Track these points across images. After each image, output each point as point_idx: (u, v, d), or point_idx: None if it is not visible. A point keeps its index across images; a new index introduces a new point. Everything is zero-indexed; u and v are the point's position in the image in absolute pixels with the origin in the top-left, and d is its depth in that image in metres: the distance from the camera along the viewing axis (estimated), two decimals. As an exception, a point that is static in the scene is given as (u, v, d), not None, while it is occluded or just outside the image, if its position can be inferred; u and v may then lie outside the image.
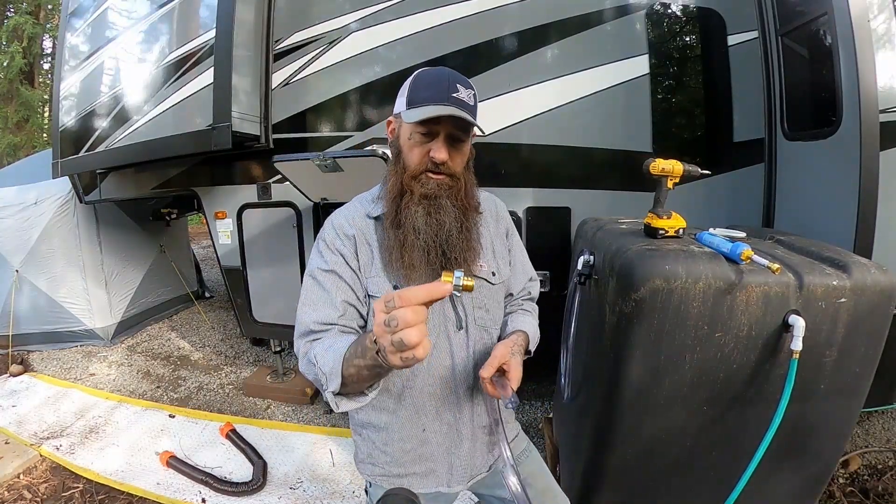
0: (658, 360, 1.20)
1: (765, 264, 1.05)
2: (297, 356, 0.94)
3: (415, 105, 0.92)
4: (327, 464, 2.54)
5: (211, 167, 3.16)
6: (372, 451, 1.09)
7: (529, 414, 2.97)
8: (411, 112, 0.91)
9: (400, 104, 0.97)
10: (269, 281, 3.17)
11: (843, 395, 1.23)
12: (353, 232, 0.99)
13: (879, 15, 1.73)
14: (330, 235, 0.99)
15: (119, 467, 2.55)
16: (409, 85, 0.96)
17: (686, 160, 1.30)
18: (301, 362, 0.91)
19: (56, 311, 4.06)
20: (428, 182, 0.95)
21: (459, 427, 1.05)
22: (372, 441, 1.08)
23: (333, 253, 0.97)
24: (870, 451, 2.42)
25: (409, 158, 0.96)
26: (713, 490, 1.32)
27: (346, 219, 1.01)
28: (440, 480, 1.08)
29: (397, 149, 0.99)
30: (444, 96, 0.91)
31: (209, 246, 6.28)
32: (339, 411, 0.83)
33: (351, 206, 1.06)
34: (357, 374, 0.76)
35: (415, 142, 0.94)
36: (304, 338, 0.94)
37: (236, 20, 2.54)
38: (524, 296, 1.24)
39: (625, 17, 2.38)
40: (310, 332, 0.93)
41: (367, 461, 1.11)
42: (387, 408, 1.04)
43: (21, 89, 10.65)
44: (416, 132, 0.93)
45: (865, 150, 1.63)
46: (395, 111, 0.99)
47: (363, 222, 1.01)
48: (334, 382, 0.78)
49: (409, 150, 0.95)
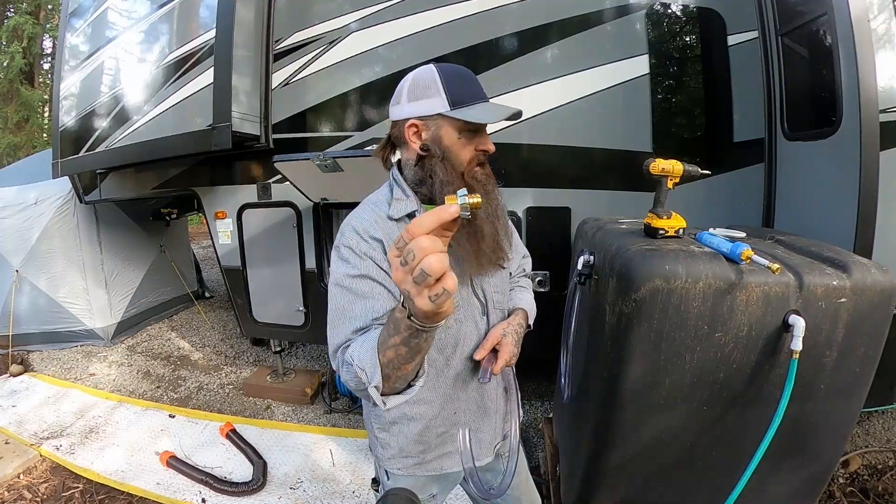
0: (658, 359, 1.20)
1: (765, 264, 1.05)
2: (338, 372, 0.86)
3: (463, 104, 0.92)
4: (327, 464, 2.54)
5: (211, 167, 3.16)
6: (405, 445, 1.09)
7: (529, 414, 2.97)
8: (468, 111, 0.92)
9: (435, 105, 0.93)
10: (269, 281, 3.17)
11: (843, 395, 1.23)
12: (380, 235, 0.94)
13: (879, 15, 1.73)
14: (354, 240, 0.94)
15: (119, 467, 2.55)
16: (441, 83, 0.93)
17: (686, 160, 1.30)
18: (341, 373, 0.84)
19: (56, 311, 4.06)
20: (480, 175, 0.98)
21: (486, 404, 1.13)
22: (405, 434, 1.08)
23: (361, 257, 0.92)
24: (870, 451, 2.42)
25: (461, 156, 0.96)
26: (713, 490, 1.32)
27: (369, 222, 0.96)
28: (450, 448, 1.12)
29: (442, 150, 0.95)
30: (482, 92, 0.95)
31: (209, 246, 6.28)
32: (388, 409, 0.80)
33: (367, 209, 1.00)
34: (396, 358, 0.71)
35: (465, 140, 0.95)
36: (341, 349, 0.86)
37: (236, 20, 2.54)
38: (519, 273, 1.30)
39: (625, 17, 2.38)
40: (348, 341, 0.86)
41: (399, 455, 1.11)
42: (422, 398, 1.05)
43: (21, 89, 10.66)
44: (465, 130, 0.95)
45: (865, 150, 1.63)
46: (421, 112, 0.94)
47: (387, 225, 0.97)
48: (375, 376, 0.74)
49: (460, 148, 0.95)
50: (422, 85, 0.94)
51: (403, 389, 0.79)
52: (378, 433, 1.12)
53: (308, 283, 3.02)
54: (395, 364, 0.72)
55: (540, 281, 2.57)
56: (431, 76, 0.94)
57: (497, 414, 1.16)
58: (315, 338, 3.52)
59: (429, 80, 0.94)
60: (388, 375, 0.74)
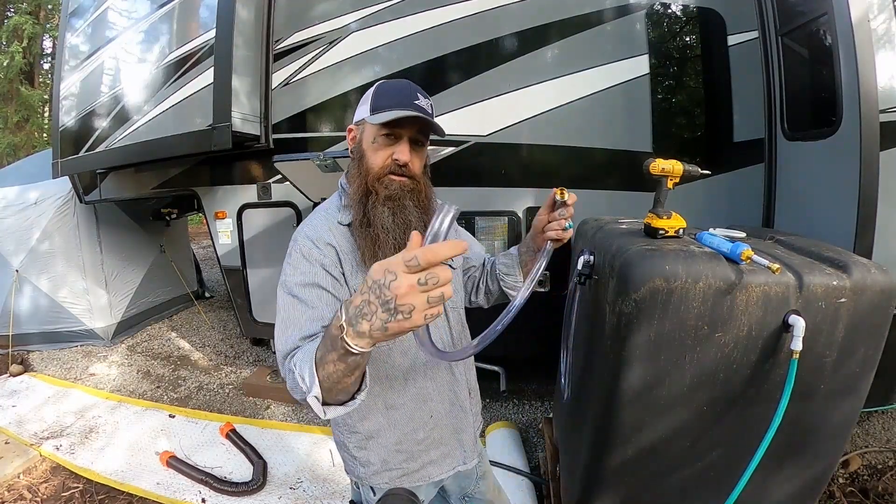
0: (658, 360, 1.20)
1: (765, 264, 1.05)
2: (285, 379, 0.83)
3: (380, 111, 0.97)
4: (327, 464, 2.54)
5: (211, 167, 3.16)
6: (386, 457, 1.08)
7: (529, 414, 2.97)
8: (377, 115, 0.96)
9: (362, 112, 1.01)
10: (269, 281, 3.17)
11: (843, 396, 1.23)
12: (332, 240, 0.97)
13: (879, 15, 1.73)
14: (306, 246, 0.96)
15: (119, 467, 2.55)
16: (371, 94, 1.01)
17: (686, 160, 1.30)
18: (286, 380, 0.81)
19: (56, 311, 4.06)
20: (391, 184, 0.98)
21: (461, 401, 1.14)
22: (384, 446, 1.07)
23: (311, 263, 0.94)
24: (870, 451, 2.42)
25: (372, 161, 0.99)
26: (713, 490, 1.32)
27: (322, 228, 0.99)
28: (456, 459, 1.15)
29: (360, 153, 1.01)
30: (408, 102, 0.97)
31: (209, 246, 6.28)
32: (327, 418, 0.79)
33: (319, 217, 1.03)
34: (334, 372, 0.70)
35: (378, 145, 0.99)
36: (288, 357, 0.84)
37: (236, 20, 2.54)
38: (489, 257, 1.35)
39: (625, 17, 2.38)
40: (296, 349, 0.84)
41: (383, 469, 1.09)
42: (394, 404, 1.06)
43: (21, 89, 10.66)
44: (379, 135, 0.98)
45: (865, 150, 1.63)
46: (356, 119, 1.04)
47: (339, 230, 1.00)
48: (314, 387, 0.72)
49: (372, 152, 0.99)
50: (367, 94, 1.03)
51: (347, 401, 0.77)
52: (356, 453, 1.09)
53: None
54: (335, 378, 0.71)
55: (540, 281, 2.57)
56: (372, 89, 1.02)
57: (472, 413, 1.19)
58: (315, 338, 3.53)
59: (372, 89, 1.02)
60: (329, 388, 0.72)
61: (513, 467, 2.28)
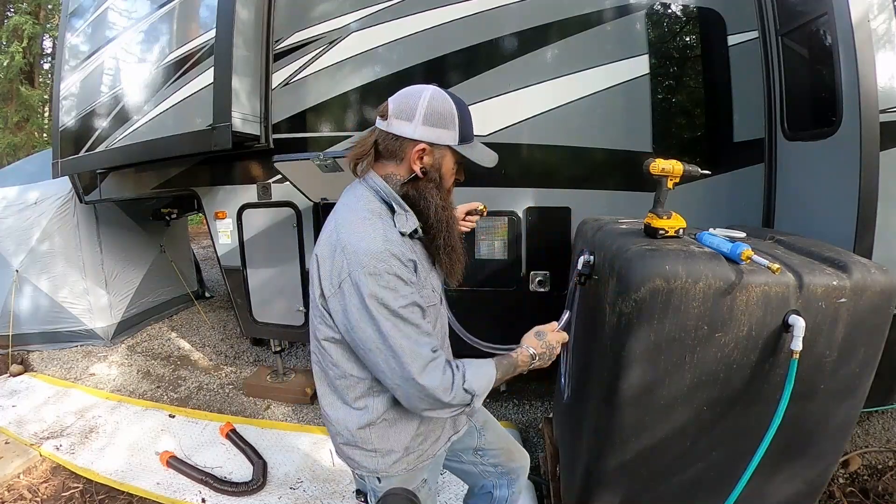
0: (658, 360, 1.20)
1: (765, 264, 1.05)
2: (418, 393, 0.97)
3: (468, 141, 1.05)
4: (327, 464, 2.54)
5: (211, 167, 3.16)
6: (408, 443, 1.13)
7: (529, 414, 2.97)
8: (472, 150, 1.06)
9: (449, 137, 1.02)
10: (269, 281, 3.17)
11: (843, 395, 1.23)
12: (412, 256, 1.01)
13: (879, 15, 1.73)
14: (397, 267, 0.95)
15: (119, 467, 2.55)
16: (456, 118, 1.02)
17: (686, 160, 1.30)
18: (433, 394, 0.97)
19: (56, 311, 4.06)
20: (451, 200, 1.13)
21: None
22: (407, 431, 1.13)
23: (408, 284, 0.97)
24: (870, 451, 2.42)
25: (449, 184, 1.09)
26: (713, 490, 1.32)
27: (398, 244, 0.99)
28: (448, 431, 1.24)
29: (439, 177, 1.06)
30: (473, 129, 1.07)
31: (209, 246, 6.27)
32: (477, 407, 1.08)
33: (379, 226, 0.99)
34: (499, 383, 1.11)
35: (455, 171, 1.09)
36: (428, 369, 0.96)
37: (236, 20, 2.54)
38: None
39: (625, 17, 2.38)
40: (431, 360, 0.97)
41: (405, 455, 1.14)
42: None
43: (21, 89, 10.65)
44: (458, 163, 1.08)
45: (865, 150, 1.63)
46: (435, 140, 1.01)
47: (407, 242, 1.03)
48: (483, 393, 1.05)
49: (450, 177, 1.09)
50: (440, 113, 1.00)
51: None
52: (379, 444, 1.11)
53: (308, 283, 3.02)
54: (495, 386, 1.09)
55: (540, 281, 2.57)
56: (450, 109, 1.01)
57: None
58: (315, 338, 3.52)
59: (448, 111, 1.01)
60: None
61: (513, 467, 2.28)
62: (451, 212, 1.10)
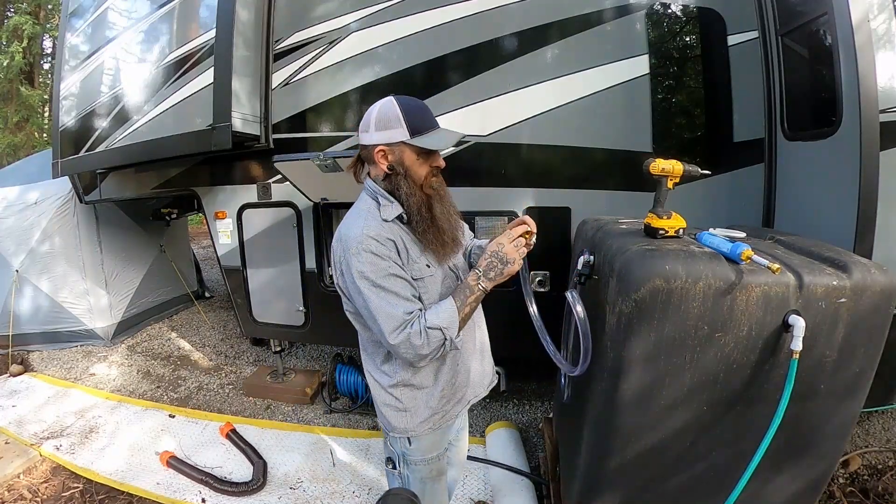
0: (658, 360, 1.20)
1: (765, 264, 1.05)
2: (399, 350, 1.15)
3: (422, 132, 1.17)
4: (327, 464, 2.54)
5: (211, 167, 3.16)
6: (434, 404, 1.31)
7: (529, 414, 2.97)
8: (424, 139, 1.17)
9: (399, 134, 1.16)
10: (270, 281, 3.17)
11: (843, 395, 1.23)
12: (391, 235, 1.18)
13: (879, 15, 1.73)
14: (374, 245, 1.14)
15: (119, 467, 2.55)
16: (401, 117, 1.16)
17: (686, 160, 1.30)
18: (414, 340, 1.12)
19: (56, 311, 4.06)
20: (436, 185, 1.25)
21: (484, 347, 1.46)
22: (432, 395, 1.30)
23: (384, 259, 1.14)
24: (870, 451, 2.42)
25: (419, 174, 1.21)
26: (713, 490, 1.32)
27: (377, 227, 1.17)
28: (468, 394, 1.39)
29: (404, 170, 1.19)
30: (436, 121, 1.21)
31: (209, 246, 6.28)
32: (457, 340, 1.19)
33: (367, 218, 1.19)
34: (469, 313, 1.20)
35: (422, 160, 1.20)
36: (399, 329, 1.13)
37: (236, 20, 2.53)
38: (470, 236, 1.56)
39: (625, 17, 2.38)
40: (403, 322, 1.13)
41: (430, 416, 1.31)
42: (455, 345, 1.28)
43: (21, 89, 10.64)
44: (422, 153, 1.19)
45: (865, 150, 1.63)
46: (386, 141, 1.17)
47: (389, 226, 1.20)
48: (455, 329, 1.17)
49: (418, 167, 1.20)
50: (386, 118, 1.17)
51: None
52: (409, 404, 1.30)
53: (308, 283, 3.02)
54: (466, 317, 1.19)
55: (540, 281, 2.57)
56: (395, 111, 1.16)
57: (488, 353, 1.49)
58: (315, 338, 3.52)
59: (393, 113, 1.16)
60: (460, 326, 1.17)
61: (513, 467, 2.28)
62: (422, 197, 1.21)
